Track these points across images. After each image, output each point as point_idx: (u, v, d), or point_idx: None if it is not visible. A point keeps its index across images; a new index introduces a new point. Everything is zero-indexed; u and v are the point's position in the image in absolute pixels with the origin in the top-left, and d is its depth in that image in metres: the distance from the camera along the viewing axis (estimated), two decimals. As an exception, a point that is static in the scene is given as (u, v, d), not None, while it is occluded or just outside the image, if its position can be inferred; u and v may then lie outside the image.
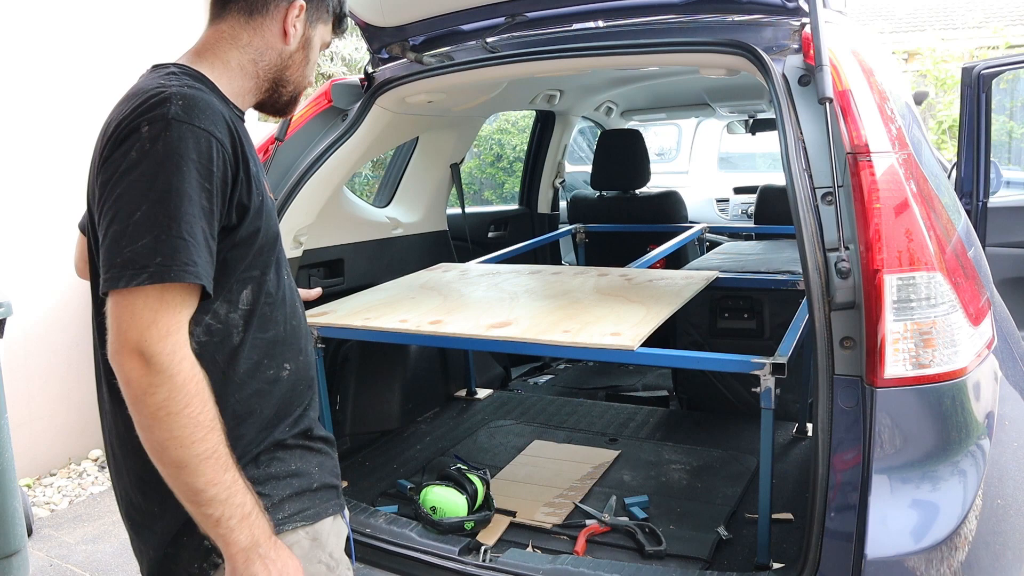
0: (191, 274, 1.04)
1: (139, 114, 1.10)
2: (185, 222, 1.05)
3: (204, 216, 1.08)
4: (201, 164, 1.08)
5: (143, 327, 1.03)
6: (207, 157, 1.09)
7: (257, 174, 1.23)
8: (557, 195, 4.55)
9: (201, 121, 1.10)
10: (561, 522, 2.16)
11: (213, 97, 1.18)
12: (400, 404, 2.94)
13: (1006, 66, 3.58)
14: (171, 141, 1.07)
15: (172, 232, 1.04)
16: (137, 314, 1.03)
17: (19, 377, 3.61)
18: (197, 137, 1.09)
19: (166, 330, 1.04)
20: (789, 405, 2.73)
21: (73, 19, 3.87)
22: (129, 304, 1.04)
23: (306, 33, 1.32)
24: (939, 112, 8.67)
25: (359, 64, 7.45)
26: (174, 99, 1.10)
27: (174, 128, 1.08)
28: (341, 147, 2.49)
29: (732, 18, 2.05)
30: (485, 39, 2.35)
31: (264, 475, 1.24)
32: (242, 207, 1.17)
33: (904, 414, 1.52)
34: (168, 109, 1.09)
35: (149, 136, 1.08)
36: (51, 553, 3.10)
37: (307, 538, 1.26)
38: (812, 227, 1.62)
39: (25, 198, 3.69)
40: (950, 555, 1.48)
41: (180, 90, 1.13)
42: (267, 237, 1.24)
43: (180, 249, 1.04)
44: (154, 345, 1.03)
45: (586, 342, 1.83)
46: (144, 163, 1.07)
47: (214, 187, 1.10)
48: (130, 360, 1.03)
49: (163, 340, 1.03)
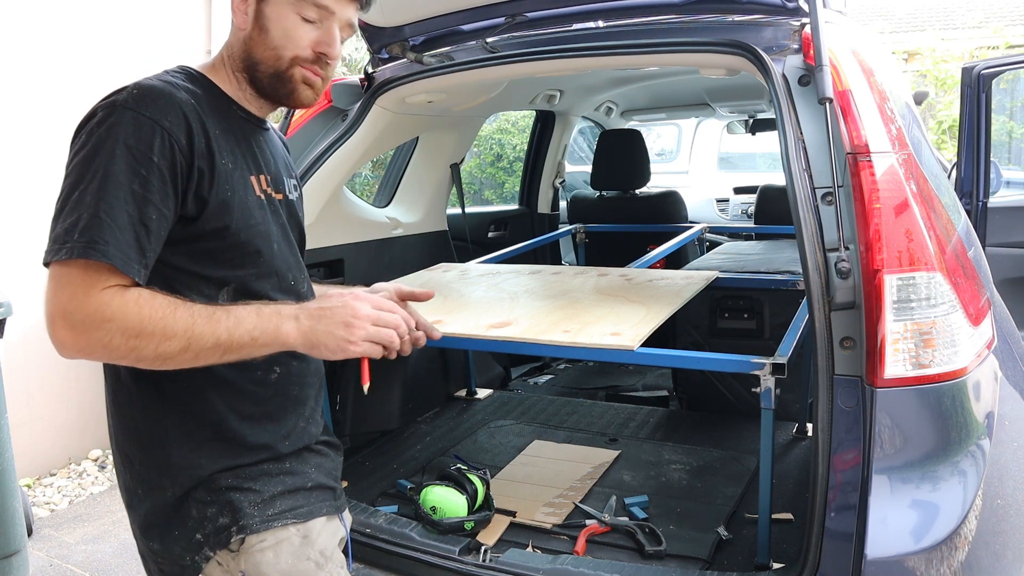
0: (99, 252, 1.06)
1: (100, 102, 1.15)
2: (106, 203, 1.08)
3: (134, 200, 1.10)
4: (138, 150, 1.11)
5: (62, 300, 1.07)
6: (146, 143, 1.11)
7: (229, 172, 1.21)
8: (557, 195, 4.55)
9: (147, 109, 1.13)
10: (561, 522, 2.15)
11: (181, 92, 1.19)
12: (400, 404, 2.94)
13: (1006, 66, 3.58)
14: (111, 126, 1.11)
15: (93, 212, 1.07)
16: (58, 287, 1.08)
17: (19, 377, 3.60)
18: (139, 123, 1.12)
19: (85, 297, 1.07)
20: (789, 405, 2.72)
21: (73, 20, 3.87)
22: (54, 277, 1.08)
23: (257, 8, 1.26)
24: (939, 112, 8.67)
25: (359, 64, 7.45)
26: (130, 88, 1.15)
27: (116, 114, 1.12)
28: (341, 147, 2.49)
29: (732, 18, 2.05)
30: (485, 39, 2.35)
31: (258, 471, 1.26)
32: (200, 200, 1.17)
33: (904, 414, 1.52)
34: (119, 97, 1.14)
35: (96, 121, 1.13)
36: (51, 553, 3.10)
37: (297, 535, 1.27)
38: (812, 227, 1.62)
39: (25, 198, 3.69)
40: (950, 555, 1.48)
41: (145, 81, 1.17)
42: (244, 237, 1.23)
43: (95, 228, 1.07)
44: (74, 312, 1.06)
45: (586, 342, 1.83)
46: (87, 147, 1.11)
47: (151, 173, 1.11)
48: (61, 330, 1.07)
49: (83, 303, 1.06)
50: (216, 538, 1.23)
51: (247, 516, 1.23)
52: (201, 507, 1.23)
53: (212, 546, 1.23)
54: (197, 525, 1.23)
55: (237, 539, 1.23)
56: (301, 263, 1.41)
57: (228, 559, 1.24)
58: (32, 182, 3.70)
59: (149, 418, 1.24)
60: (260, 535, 1.23)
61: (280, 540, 1.24)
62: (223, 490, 1.23)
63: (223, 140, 1.22)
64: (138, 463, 1.26)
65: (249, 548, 1.23)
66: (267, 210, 1.29)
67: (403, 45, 2.45)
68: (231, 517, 1.23)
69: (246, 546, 1.23)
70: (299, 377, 1.34)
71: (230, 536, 1.22)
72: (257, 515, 1.23)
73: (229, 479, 1.24)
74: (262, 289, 1.26)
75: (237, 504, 1.23)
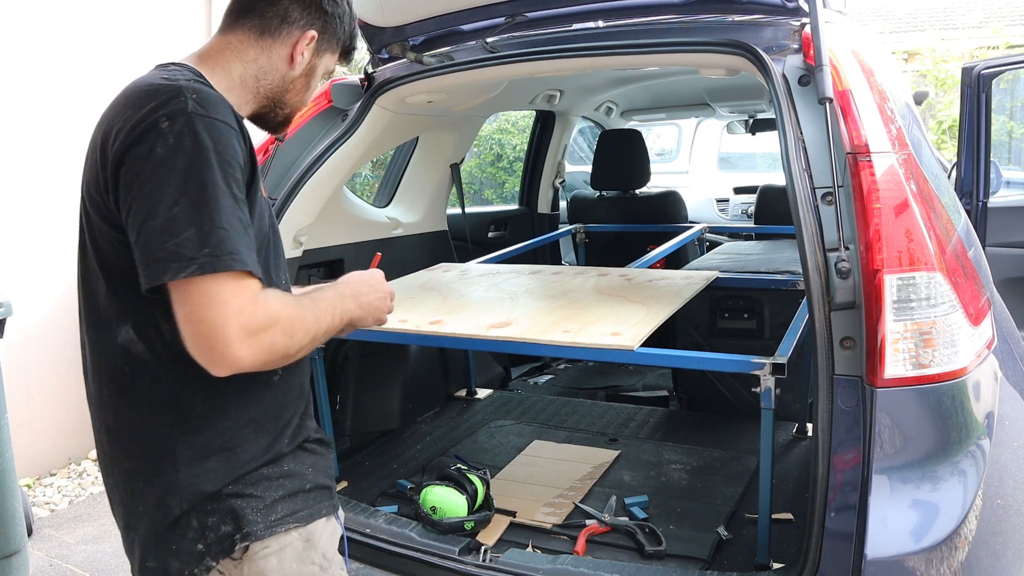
0: (240, 262, 1.07)
1: (153, 109, 1.10)
2: (220, 213, 1.07)
3: (236, 205, 1.10)
4: (227, 154, 1.11)
5: (235, 311, 1.05)
6: (229, 147, 1.12)
7: (258, 170, 1.25)
8: (557, 195, 4.55)
9: (218, 113, 1.12)
10: (561, 522, 2.16)
11: (215, 89, 1.20)
12: (400, 404, 2.94)
13: (1006, 66, 3.58)
14: (195, 134, 1.09)
15: (214, 223, 1.06)
16: (221, 301, 1.05)
17: (19, 377, 3.60)
18: (218, 129, 1.11)
19: (252, 305, 1.07)
20: (789, 405, 2.72)
21: (74, 20, 3.87)
22: (204, 293, 1.05)
23: (312, 61, 1.35)
24: (939, 112, 8.66)
25: (359, 64, 7.45)
26: (187, 93, 1.12)
27: (195, 121, 1.09)
28: (341, 147, 2.49)
29: (732, 18, 2.05)
30: (485, 39, 2.35)
31: (257, 476, 1.24)
32: (251, 196, 1.19)
33: (904, 414, 1.52)
34: (185, 104, 1.10)
35: (172, 131, 1.08)
36: (51, 553, 3.10)
37: (300, 539, 1.26)
38: (812, 227, 1.62)
39: (25, 198, 3.69)
40: (950, 555, 1.48)
41: (190, 84, 1.14)
42: (259, 236, 1.24)
43: (224, 239, 1.06)
44: (251, 322, 1.06)
45: (586, 342, 1.83)
46: (172, 158, 1.07)
47: (240, 175, 1.13)
48: (238, 343, 1.05)
49: (255, 311, 1.07)
50: (219, 547, 1.21)
51: (250, 523, 1.21)
52: (202, 517, 1.21)
53: (214, 556, 1.21)
54: (198, 536, 1.20)
55: (241, 547, 1.20)
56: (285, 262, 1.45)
57: (230, 567, 1.23)
58: (32, 182, 3.70)
59: (155, 437, 1.21)
60: (264, 541, 1.22)
61: (283, 546, 1.23)
62: (224, 498, 1.21)
63: (250, 140, 1.25)
64: (142, 483, 1.23)
65: (253, 555, 1.21)
66: (268, 208, 1.32)
67: (403, 45, 2.45)
68: (234, 525, 1.20)
69: (249, 554, 1.21)
70: (297, 373, 1.34)
71: (233, 544, 1.20)
72: (261, 521, 1.22)
73: (230, 487, 1.22)
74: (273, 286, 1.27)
75: (240, 511, 1.21)
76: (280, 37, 1.31)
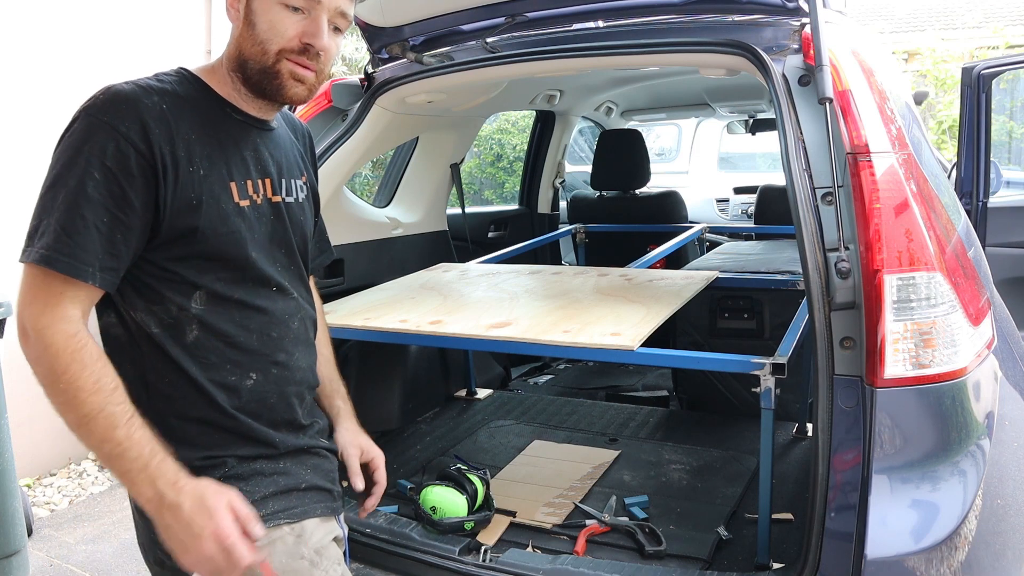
0: (49, 260, 1.11)
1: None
2: (62, 209, 1.12)
3: (89, 204, 1.12)
4: (94, 155, 1.13)
5: (24, 304, 1.13)
6: (100, 149, 1.13)
7: (200, 178, 1.20)
8: (557, 195, 4.55)
9: (106, 115, 1.14)
10: (561, 522, 2.15)
11: (152, 96, 1.18)
12: (400, 404, 2.94)
13: (1006, 66, 3.59)
14: (74, 132, 1.15)
15: (54, 219, 1.12)
16: (24, 289, 1.14)
17: (19, 377, 3.57)
18: (95, 129, 1.14)
19: (40, 309, 1.12)
20: (789, 405, 2.72)
21: (74, 20, 3.87)
22: (24, 278, 1.14)
23: (247, 5, 1.25)
24: (939, 112, 8.67)
25: (359, 64, 7.44)
26: (100, 93, 1.17)
27: (80, 120, 1.16)
28: (341, 147, 2.49)
29: (732, 18, 2.05)
30: (485, 39, 2.35)
31: (249, 471, 1.26)
32: (163, 205, 1.18)
33: (904, 414, 1.52)
34: (90, 102, 1.16)
35: (68, 126, 1.17)
36: (51, 553, 3.10)
37: (291, 534, 1.27)
38: (812, 227, 1.62)
39: (25, 199, 3.68)
40: (950, 555, 1.48)
41: (115, 86, 1.18)
42: (214, 244, 1.22)
43: (49, 234, 1.12)
44: (29, 320, 1.12)
45: (586, 342, 1.83)
46: (56, 151, 1.17)
47: (107, 178, 1.13)
48: (21, 333, 1.14)
49: (38, 317, 1.11)
50: None
51: None
52: None
53: None
54: None
55: None
56: (298, 268, 1.39)
57: None
58: (32, 183, 3.70)
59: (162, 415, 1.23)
60: None
61: (274, 539, 1.24)
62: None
63: (200, 145, 1.21)
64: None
65: None
66: (249, 216, 1.27)
67: (403, 45, 2.45)
68: None
69: None
70: (278, 384, 1.32)
71: None
72: None
73: (222, 479, 1.22)
74: (236, 296, 1.26)
75: None
76: (225, 7, 1.30)
